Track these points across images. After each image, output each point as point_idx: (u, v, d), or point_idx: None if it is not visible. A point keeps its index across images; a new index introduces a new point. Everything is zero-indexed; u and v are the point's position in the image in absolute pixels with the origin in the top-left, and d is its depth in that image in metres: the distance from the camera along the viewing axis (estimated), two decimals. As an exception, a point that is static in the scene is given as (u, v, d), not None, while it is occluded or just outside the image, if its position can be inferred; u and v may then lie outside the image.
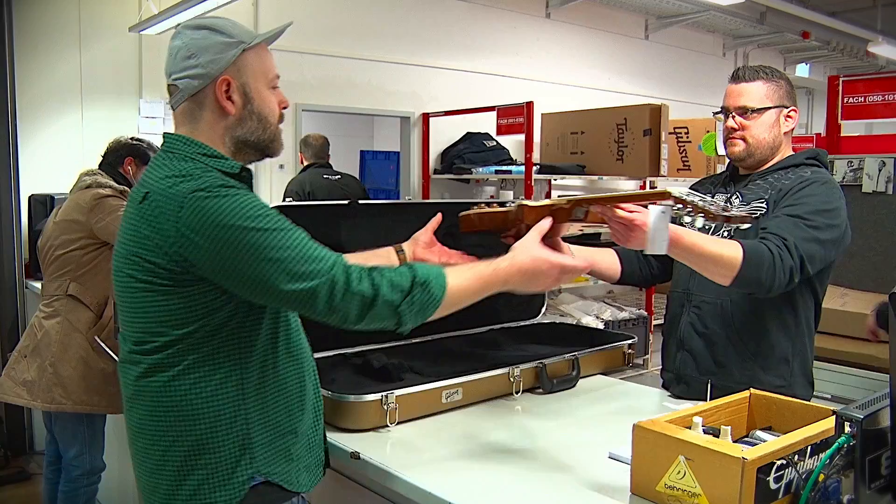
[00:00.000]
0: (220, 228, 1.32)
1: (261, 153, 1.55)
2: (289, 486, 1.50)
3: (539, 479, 1.53)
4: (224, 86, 1.45)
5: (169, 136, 1.50)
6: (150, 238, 1.36)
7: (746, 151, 2.03)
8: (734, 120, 2.03)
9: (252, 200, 1.37)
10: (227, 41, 1.46)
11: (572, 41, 7.15)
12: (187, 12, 4.18)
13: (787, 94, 2.04)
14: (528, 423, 1.91)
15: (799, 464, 1.30)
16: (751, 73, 2.04)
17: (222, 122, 1.48)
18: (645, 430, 1.37)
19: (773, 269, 1.77)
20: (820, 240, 1.85)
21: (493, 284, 1.52)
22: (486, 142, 6.11)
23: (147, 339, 1.42)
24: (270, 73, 1.52)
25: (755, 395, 1.63)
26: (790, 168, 2.02)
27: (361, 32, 5.74)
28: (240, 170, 1.47)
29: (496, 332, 2.50)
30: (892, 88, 3.65)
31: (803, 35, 8.22)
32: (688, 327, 2.07)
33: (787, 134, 2.06)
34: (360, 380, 2.01)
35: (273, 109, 1.53)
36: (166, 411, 1.42)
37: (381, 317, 1.39)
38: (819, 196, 1.90)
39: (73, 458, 2.97)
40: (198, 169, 1.41)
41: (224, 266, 1.33)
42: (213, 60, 1.44)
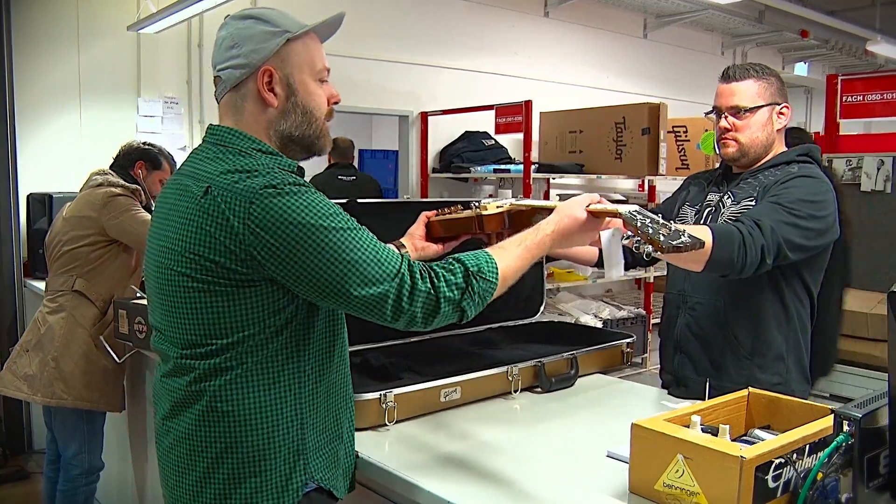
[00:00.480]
0: (294, 227, 1.27)
1: (307, 150, 1.48)
2: (336, 492, 1.48)
3: (537, 477, 1.53)
4: (266, 76, 1.39)
5: (219, 128, 1.44)
6: (213, 235, 1.30)
7: (740, 151, 2.03)
8: (727, 120, 2.02)
9: (322, 198, 1.32)
10: (270, 30, 1.40)
11: (571, 40, 7.15)
12: (185, 11, 4.18)
13: (778, 90, 2.03)
14: (526, 422, 1.91)
15: (797, 462, 1.30)
16: (741, 72, 2.02)
17: (264, 114, 1.42)
18: (643, 429, 1.37)
19: (745, 248, 1.75)
20: (799, 226, 1.83)
21: (541, 249, 1.49)
22: (485, 141, 6.11)
23: (202, 343, 1.36)
24: (318, 64, 1.45)
25: (753, 393, 1.63)
26: (780, 165, 2.01)
27: (360, 31, 5.74)
28: (296, 168, 1.42)
29: (494, 330, 2.50)
30: (890, 87, 3.65)
31: (802, 34, 8.23)
32: (684, 329, 2.08)
33: (779, 131, 2.05)
34: (359, 378, 2.00)
35: (319, 103, 1.46)
36: (220, 417, 1.36)
37: (446, 315, 1.37)
38: (803, 188, 1.90)
39: (72, 456, 2.97)
40: (261, 165, 1.34)
41: (294, 266, 1.28)
42: (256, 50, 1.39)
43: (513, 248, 1.47)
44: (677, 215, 2.18)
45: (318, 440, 1.44)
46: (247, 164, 1.35)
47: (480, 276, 1.39)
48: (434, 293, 1.34)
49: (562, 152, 6.10)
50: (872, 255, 3.56)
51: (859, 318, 3.28)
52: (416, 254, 1.83)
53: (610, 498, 1.41)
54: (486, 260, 1.42)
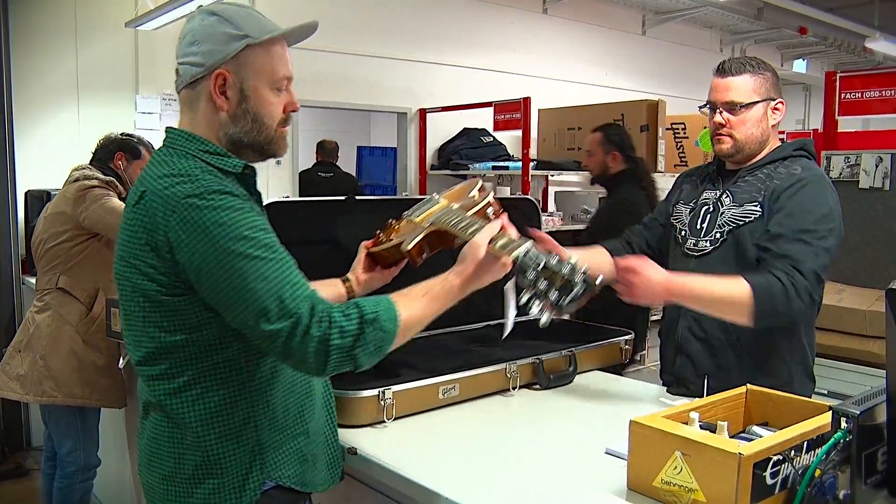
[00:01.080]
0: (206, 244, 1.27)
1: (259, 154, 1.46)
2: (303, 487, 1.48)
3: (536, 474, 1.54)
4: (219, 80, 1.38)
5: (171, 130, 1.44)
6: (145, 241, 1.32)
7: (735, 148, 2.01)
8: (721, 115, 2.00)
9: (243, 217, 1.30)
10: (232, 33, 1.37)
11: (569, 37, 7.15)
12: (183, 7, 4.17)
13: (773, 85, 2.01)
14: (524, 419, 1.91)
15: (795, 459, 1.30)
16: (737, 66, 1.99)
17: (216, 116, 1.40)
18: (642, 426, 1.37)
19: (788, 298, 1.77)
20: (826, 248, 1.85)
21: (450, 298, 1.46)
22: (483, 137, 6.11)
23: (147, 349, 1.38)
24: (277, 73, 1.42)
25: (752, 390, 1.63)
26: (778, 162, 2.00)
27: (358, 28, 5.73)
28: (242, 169, 1.41)
29: (493, 327, 2.50)
30: (889, 84, 3.65)
31: (800, 31, 8.24)
32: (685, 332, 2.05)
33: (774, 127, 2.03)
34: (357, 375, 2.00)
35: (272, 112, 1.43)
36: (175, 422, 1.39)
37: (338, 363, 1.31)
38: (816, 199, 1.89)
39: (68, 453, 2.97)
40: (197, 169, 1.34)
41: (204, 282, 1.29)
42: (213, 51, 1.37)
43: (418, 298, 1.42)
44: (672, 214, 2.17)
45: (276, 438, 1.43)
46: (183, 167, 1.34)
47: (376, 324, 1.33)
48: (325, 339, 1.28)
49: (560, 149, 6.10)
50: (870, 252, 3.56)
51: (857, 314, 3.28)
52: (360, 288, 1.81)
53: (608, 494, 1.41)
54: (387, 307, 1.36)
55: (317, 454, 1.53)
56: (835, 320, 3.34)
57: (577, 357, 2.19)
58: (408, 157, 6.25)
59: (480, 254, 1.46)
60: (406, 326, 1.39)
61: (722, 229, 1.99)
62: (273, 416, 1.43)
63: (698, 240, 2.04)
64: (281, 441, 1.44)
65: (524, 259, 1.38)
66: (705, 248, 2.02)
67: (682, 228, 2.10)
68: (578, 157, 5.89)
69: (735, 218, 1.98)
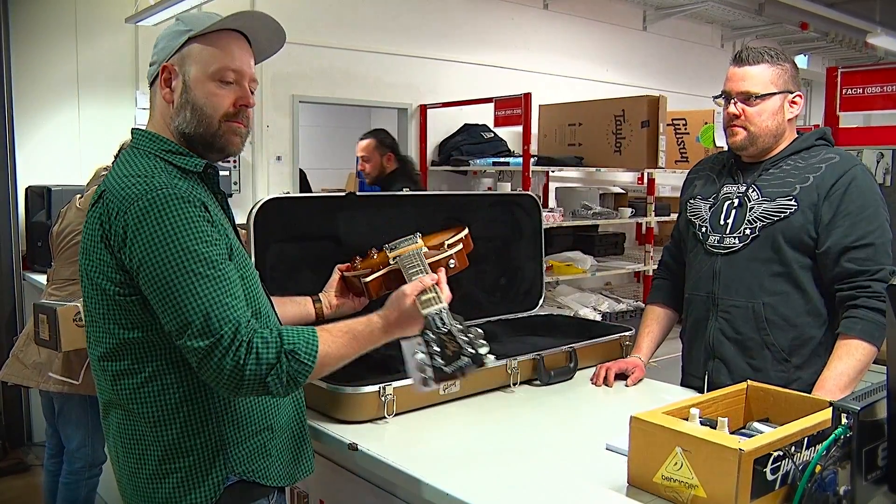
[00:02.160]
0: (150, 248, 1.30)
1: (210, 149, 1.48)
2: (267, 481, 1.48)
3: (536, 470, 1.54)
4: (165, 73, 1.46)
5: (135, 131, 1.50)
6: (100, 237, 1.35)
7: (748, 140, 1.95)
8: (736, 106, 1.94)
9: (192, 229, 1.31)
10: (179, 30, 1.46)
11: (570, 32, 7.13)
12: (183, 3, 4.16)
13: (791, 78, 1.96)
14: (525, 415, 1.91)
15: (796, 455, 1.30)
16: (755, 56, 1.94)
17: (167, 111, 1.47)
18: (642, 422, 1.38)
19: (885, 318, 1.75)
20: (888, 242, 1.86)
21: (371, 341, 1.48)
22: (484, 133, 6.10)
23: (105, 346, 1.41)
24: (214, 63, 1.44)
25: (752, 386, 1.63)
26: (803, 151, 1.95)
27: (358, 24, 5.72)
28: (203, 168, 1.44)
29: (493, 323, 2.50)
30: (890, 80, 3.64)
31: (802, 26, 8.22)
32: (717, 334, 2.00)
33: (791, 121, 1.97)
34: (358, 371, 2.00)
35: (215, 103, 1.44)
36: (137, 418, 1.41)
37: (250, 387, 1.32)
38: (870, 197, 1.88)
39: (77, 448, 2.95)
40: (156, 168, 1.39)
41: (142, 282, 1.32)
42: (164, 48, 1.46)
43: (340, 336, 1.44)
44: (688, 211, 2.12)
45: (239, 434, 1.45)
46: (142, 167, 1.39)
47: (294, 356, 1.34)
48: (242, 364, 1.30)
49: (561, 145, 6.09)
50: (871, 248, 3.55)
51: (858, 310, 3.28)
52: (330, 311, 1.86)
53: (609, 490, 1.41)
54: (307, 341, 1.37)
55: (283, 449, 1.54)
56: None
57: (578, 353, 2.19)
58: (408, 153, 6.24)
59: (406, 303, 1.50)
60: (323, 363, 1.39)
61: (753, 225, 1.94)
62: (235, 412, 1.45)
63: (723, 236, 1.99)
64: (244, 437, 1.46)
65: (432, 318, 1.46)
66: (733, 244, 1.97)
67: (703, 224, 2.05)
68: (580, 153, 5.89)
69: (767, 213, 1.92)
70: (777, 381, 1.82)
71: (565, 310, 5.65)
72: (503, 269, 2.58)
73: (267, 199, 2.04)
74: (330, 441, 1.71)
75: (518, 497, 1.42)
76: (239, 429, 1.45)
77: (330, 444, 1.72)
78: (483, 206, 2.56)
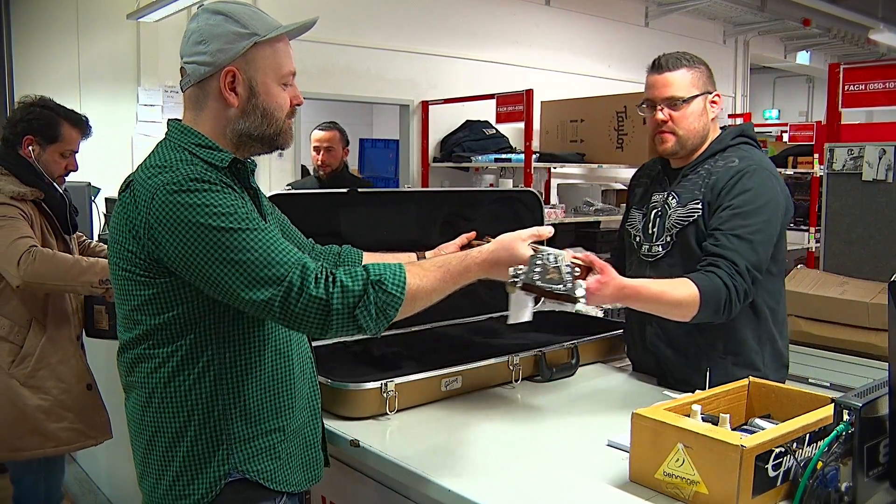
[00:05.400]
0: (185, 225, 1.30)
1: (268, 146, 1.52)
2: (273, 484, 1.47)
3: (537, 466, 1.54)
4: (229, 77, 1.42)
5: (172, 122, 1.49)
6: (128, 226, 1.37)
7: (678, 144, 1.99)
8: (663, 112, 1.98)
9: (221, 198, 1.33)
10: (239, 31, 1.42)
11: (572, 28, 7.12)
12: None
13: (709, 78, 2.02)
14: (526, 411, 1.91)
15: (797, 451, 1.30)
16: (674, 62, 2.00)
17: (225, 113, 1.45)
18: (644, 418, 1.38)
19: (730, 302, 1.80)
20: (761, 241, 1.85)
21: (466, 276, 1.45)
22: (486, 130, 6.10)
23: (128, 330, 1.44)
24: (284, 69, 1.48)
25: (754, 383, 1.63)
26: (718, 154, 1.98)
27: (360, 20, 5.72)
28: (229, 163, 1.43)
29: (495, 320, 2.50)
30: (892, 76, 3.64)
31: (804, 22, 8.20)
32: (654, 339, 2.05)
33: (714, 120, 2.03)
34: (360, 368, 2.01)
35: (281, 105, 1.48)
36: (148, 401, 1.43)
37: (340, 324, 1.32)
38: (752, 191, 1.88)
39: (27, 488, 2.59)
40: (181, 161, 1.38)
41: (187, 263, 1.32)
42: (222, 50, 1.41)
43: (432, 269, 1.42)
44: (627, 221, 2.18)
45: (248, 430, 1.44)
46: (168, 158, 1.39)
47: (380, 286, 1.33)
48: (325, 298, 1.30)
49: (563, 142, 6.09)
50: (873, 245, 3.56)
51: (860, 307, 3.28)
52: None
53: (610, 487, 1.41)
54: (394, 272, 1.36)
55: (293, 453, 1.52)
56: (837, 313, 3.34)
57: (580, 349, 2.19)
58: (410, 150, 6.24)
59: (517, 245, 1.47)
60: (414, 295, 1.38)
61: (671, 231, 1.99)
62: (245, 407, 1.44)
63: (651, 245, 2.04)
64: (252, 434, 1.45)
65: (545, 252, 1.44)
66: (658, 252, 2.02)
67: (637, 234, 2.11)
68: (581, 150, 5.89)
69: (680, 219, 1.97)
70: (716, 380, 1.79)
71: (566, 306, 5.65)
72: (505, 265, 2.58)
73: (268, 196, 2.04)
74: (332, 437, 1.71)
75: (519, 493, 1.42)
76: (248, 425, 1.44)
77: (332, 440, 1.72)
78: (485, 203, 2.56)
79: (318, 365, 1.89)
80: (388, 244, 2.27)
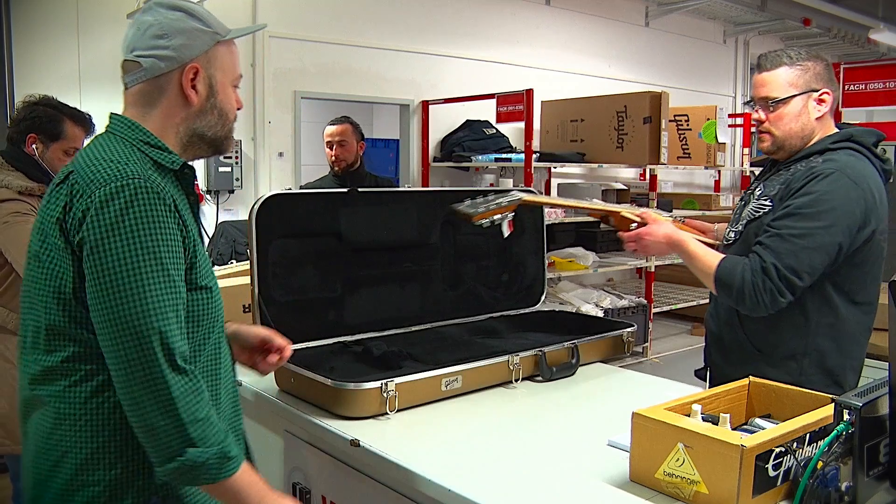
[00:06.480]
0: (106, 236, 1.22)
1: (214, 149, 1.48)
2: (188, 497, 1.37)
3: (538, 466, 1.54)
4: (192, 73, 1.39)
5: (115, 116, 1.43)
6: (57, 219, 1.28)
7: (774, 144, 1.96)
8: (759, 112, 1.96)
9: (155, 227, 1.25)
10: (202, 28, 1.40)
11: (572, 28, 7.12)
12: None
13: (816, 76, 1.93)
14: (527, 411, 1.91)
15: (798, 451, 1.30)
16: (773, 60, 1.94)
17: (182, 111, 1.41)
18: (644, 418, 1.38)
19: (743, 294, 1.82)
20: (808, 246, 1.79)
21: None
22: (486, 129, 6.10)
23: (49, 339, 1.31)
24: (236, 70, 1.48)
25: (754, 382, 1.63)
26: (813, 155, 1.93)
27: (360, 19, 5.72)
28: (181, 167, 1.39)
29: (496, 319, 2.50)
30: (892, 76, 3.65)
31: (804, 22, 8.20)
32: (708, 315, 2.14)
33: (820, 119, 1.95)
34: (360, 367, 2.01)
35: (233, 107, 1.47)
36: (62, 419, 1.30)
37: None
38: (815, 195, 1.82)
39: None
40: (131, 157, 1.32)
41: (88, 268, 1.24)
42: (186, 45, 1.38)
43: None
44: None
45: None
46: (116, 153, 1.32)
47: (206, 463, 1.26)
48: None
49: (563, 141, 6.09)
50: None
51: (860, 307, 3.28)
52: None
53: (610, 486, 1.41)
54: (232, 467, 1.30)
55: None
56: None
57: (580, 349, 2.19)
58: (410, 149, 6.24)
59: None
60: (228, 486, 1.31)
61: (742, 221, 2.00)
62: None
63: (731, 230, 2.07)
64: None
65: None
66: (731, 238, 2.04)
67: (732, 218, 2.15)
68: (582, 149, 5.89)
69: (752, 211, 1.97)
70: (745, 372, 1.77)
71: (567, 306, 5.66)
72: (505, 264, 2.58)
73: (269, 196, 2.04)
74: (332, 437, 1.72)
75: (519, 493, 1.42)
76: None
77: (332, 440, 1.72)
78: (485, 203, 2.56)
79: (318, 365, 1.89)
80: (388, 244, 2.28)
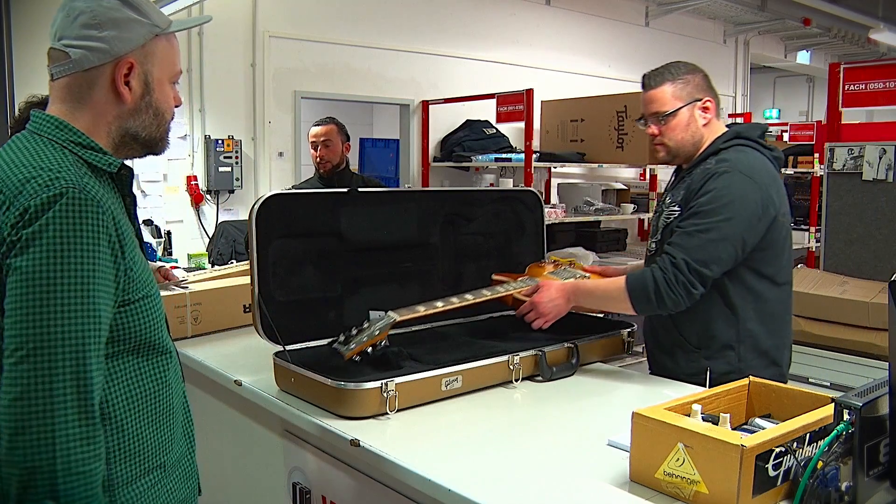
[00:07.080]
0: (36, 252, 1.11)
1: (147, 149, 1.38)
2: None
3: (538, 466, 1.54)
4: (125, 69, 1.28)
5: (39, 115, 1.29)
6: None
7: (670, 154, 2.11)
8: (651, 127, 2.10)
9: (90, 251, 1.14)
10: (139, 20, 1.29)
11: (572, 28, 7.13)
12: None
13: (697, 86, 2.08)
14: (527, 411, 1.91)
15: (798, 451, 1.30)
16: (656, 78, 2.09)
17: (113, 108, 1.30)
18: (644, 418, 1.38)
19: (660, 293, 1.91)
20: (715, 238, 1.91)
21: None
22: (486, 129, 6.10)
23: None
24: (176, 66, 1.37)
25: (754, 382, 1.63)
26: (709, 157, 2.05)
27: (360, 19, 5.72)
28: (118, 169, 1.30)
29: (496, 319, 2.50)
30: (892, 76, 3.64)
31: (804, 22, 8.21)
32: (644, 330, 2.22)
33: (707, 125, 2.08)
34: (360, 367, 2.01)
35: (170, 106, 1.37)
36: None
37: None
38: (714, 192, 1.94)
39: None
40: (63, 161, 1.21)
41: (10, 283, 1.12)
42: (120, 38, 1.26)
43: None
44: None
45: (130, 473, 1.28)
46: (46, 157, 1.21)
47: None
48: None
49: (563, 141, 6.09)
50: (873, 244, 3.56)
51: (860, 306, 3.28)
52: None
53: (610, 486, 1.41)
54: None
55: (172, 489, 1.38)
56: (838, 312, 3.34)
57: (580, 349, 2.19)
58: (410, 149, 6.25)
59: None
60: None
61: (660, 230, 2.11)
62: (128, 448, 1.28)
63: (651, 241, 2.18)
64: (134, 476, 1.29)
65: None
66: (652, 249, 2.15)
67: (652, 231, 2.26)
68: (582, 149, 5.89)
69: (665, 219, 2.09)
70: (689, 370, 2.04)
71: (567, 306, 5.66)
72: (505, 265, 2.58)
73: (269, 195, 2.04)
74: (332, 437, 1.71)
75: (519, 492, 1.42)
76: (131, 465, 1.28)
77: (332, 440, 1.72)
78: (485, 203, 2.56)
79: (318, 365, 1.89)
80: (388, 244, 2.28)
